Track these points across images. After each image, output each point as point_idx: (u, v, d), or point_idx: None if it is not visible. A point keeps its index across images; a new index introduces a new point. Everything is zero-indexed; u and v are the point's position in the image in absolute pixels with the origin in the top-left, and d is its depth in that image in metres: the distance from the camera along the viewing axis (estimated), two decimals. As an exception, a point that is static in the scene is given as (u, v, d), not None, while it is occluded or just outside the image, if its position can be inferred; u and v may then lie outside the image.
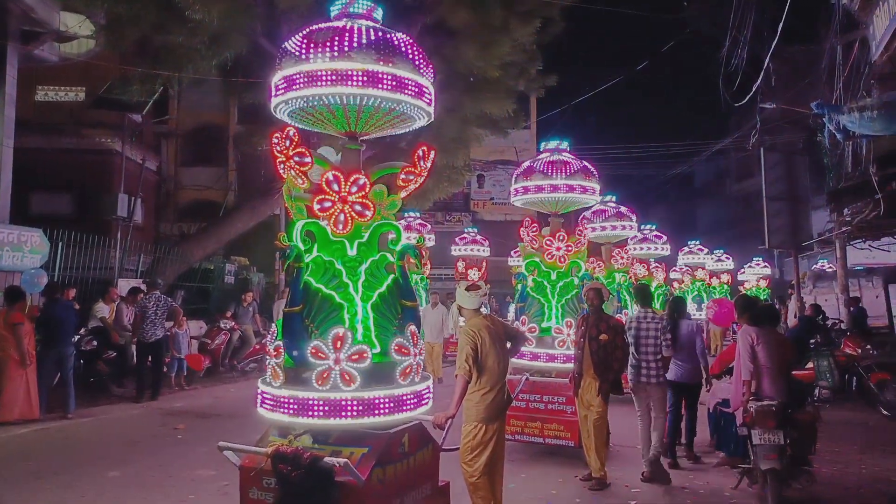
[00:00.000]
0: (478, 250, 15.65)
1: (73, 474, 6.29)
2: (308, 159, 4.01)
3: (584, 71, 23.02)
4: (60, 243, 11.26)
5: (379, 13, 4.24)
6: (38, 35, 14.27)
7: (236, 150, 26.36)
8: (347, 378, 3.79)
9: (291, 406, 3.79)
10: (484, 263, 15.42)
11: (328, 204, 3.97)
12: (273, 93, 4.05)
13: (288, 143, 4.01)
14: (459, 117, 16.83)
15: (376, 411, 3.84)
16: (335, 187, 3.96)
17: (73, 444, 7.56)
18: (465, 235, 15.97)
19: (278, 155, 4.06)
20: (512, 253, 18.22)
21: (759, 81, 11.60)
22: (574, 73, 22.21)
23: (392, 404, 3.90)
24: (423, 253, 4.58)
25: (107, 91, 16.46)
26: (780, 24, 10.56)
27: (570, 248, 7.46)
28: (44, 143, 18.36)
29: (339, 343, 3.79)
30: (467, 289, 4.84)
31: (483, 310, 5.06)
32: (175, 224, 26.36)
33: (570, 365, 6.68)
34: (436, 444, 4.34)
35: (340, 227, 3.99)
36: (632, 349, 6.44)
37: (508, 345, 4.98)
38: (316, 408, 3.76)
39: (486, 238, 15.98)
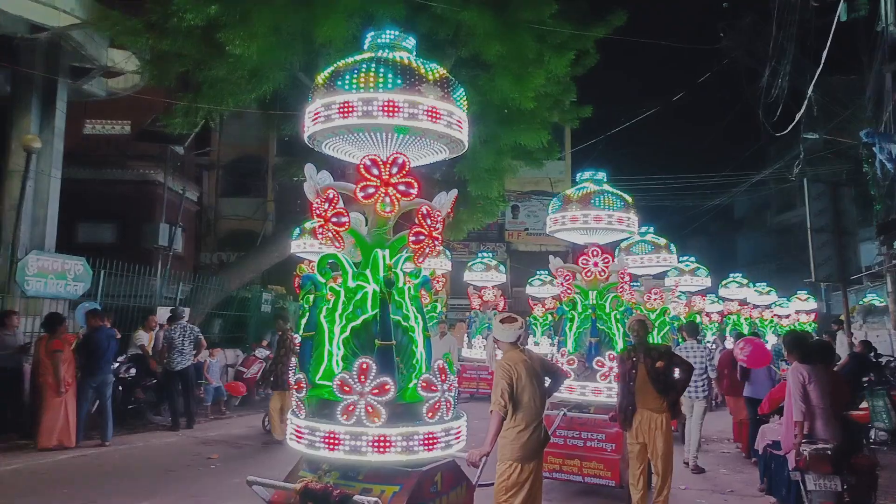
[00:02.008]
0: (493, 276, 15.51)
1: (107, 503, 6.26)
2: (345, 219, 3.96)
3: (620, 102, 22.95)
4: (102, 272, 11.45)
5: (411, 43, 4.22)
6: (86, 71, 14.85)
7: (275, 181, 26.84)
8: (372, 411, 3.68)
9: (315, 439, 3.72)
10: (498, 291, 15.36)
11: (371, 190, 3.89)
12: (306, 123, 4.05)
13: (327, 205, 3.97)
14: (494, 148, 16.82)
15: (405, 448, 3.72)
16: (375, 171, 3.89)
17: (109, 471, 7.56)
18: (479, 263, 15.98)
19: (317, 218, 4.02)
20: (531, 281, 18.10)
21: (802, 110, 11.34)
22: (610, 103, 22.13)
23: (423, 442, 3.78)
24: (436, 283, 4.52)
25: (150, 124, 16.97)
26: (824, 53, 10.37)
27: (606, 262, 7.30)
28: (90, 175, 18.98)
29: (363, 376, 3.70)
30: (502, 321, 4.71)
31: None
32: (215, 253, 26.81)
33: (598, 398, 6.84)
34: (470, 483, 4.19)
35: (388, 209, 3.93)
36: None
37: (547, 381, 4.82)
38: (341, 442, 3.66)
39: (493, 265, 16.02)
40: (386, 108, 3.75)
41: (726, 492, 7.28)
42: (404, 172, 3.93)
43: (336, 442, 3.67)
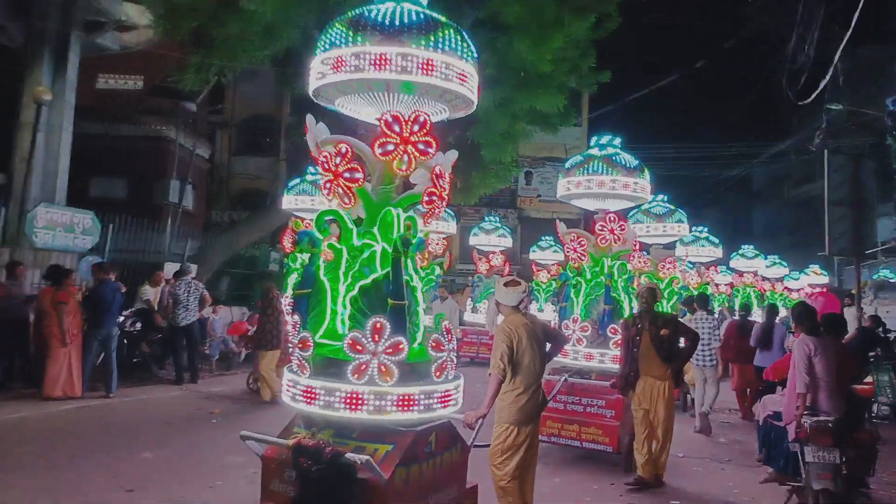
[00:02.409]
0: (498, 241, 15.26)
1: (107, 454, 6.37)
2: (359, 175, 3.88)
3: (640, 68, 22.48)
4: (111, 226, 11.51)
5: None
6: (100, 24, 14.68)
7: (288, 140, 26.67)
8: (385, 371, 3.66)
9: (321, 397, 3.68)
10: (504, 256, 15.07)
11: (391, 147, 3.79)
12: (312, 76, 3.94)
13: (339, 159, 3.87)
14: (509, 112, 16.57)
15: (412, 408, 3.71)
16: (396, 129, 3.79)
17: (112, 423, 7.69)
18: (485, 226, 15.65)
19: (325, 173, 3.93)
20: (533, 248, 17.98)
21: (826, 78, 11.02)
22: (629, 70, 21.69)
23: (428, 401, 3.78)
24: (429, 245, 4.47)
25: (163, 80, 16.84)
26: (854, 20, 10.02)
27: (622, 228, 7.26)
28: (103, 130, 18.96)
29: (377, 336, 3.67)
30: (506, 284, 4.66)
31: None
32: (226, 212, 26.83)
33: (601, 365, 6.88)
34: (465, 445, 4.19)
35: (405, 166, 3.85)
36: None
37: (548, 346, 4.79)
38: (349, 401, 3.63)
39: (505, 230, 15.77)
40: (377, 62, 3.63)
41: (724, 461, 7.29)
42: (425, 131, 3.85)
43: (359, 402, 3.62)
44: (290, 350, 3.89)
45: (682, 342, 6.41)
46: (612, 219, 7.31)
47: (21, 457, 6.12)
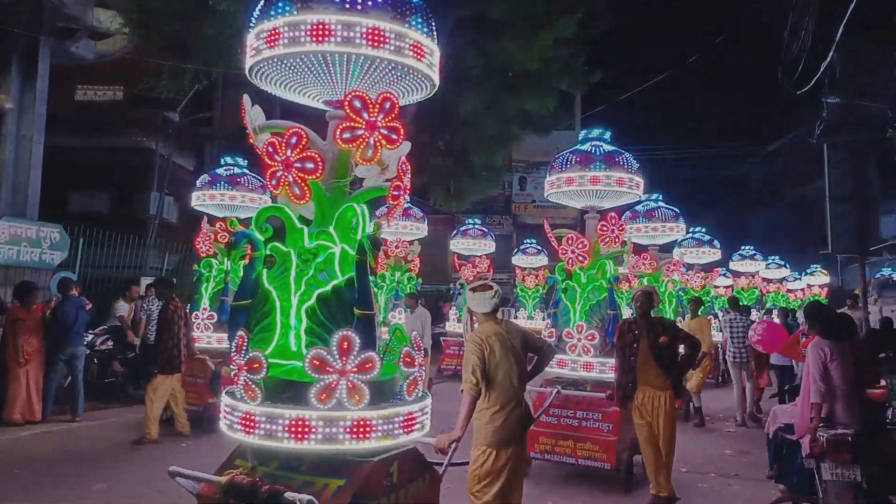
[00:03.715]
0: (482, 245, 14.21)
1: (59, 486, 5.83)
2: (314, 166, 3.36)
3: (632, 68, 22.09)
4: (82, 240, 10.99)
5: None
6: (72, 32, 14.22)
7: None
8: (354, 392, 3.14)
9: (276, 427, 3.15)
10: (487, 260, 14.01)
11: (359, 132, 3.30)
12: (248, 52, 3.45)
13: (291, 148, 3.37)
14: (498, 115, 16.15)
15: (386, 433, 3.23)
16: (364, 114, 3.30)
17: (72, 450, 7.12)
18: (465, 229, 14.49)
19: (273, 163, 3.42)
20: (517, 252, 17.33)
21: (822, 68, 10.57)
22: (621, 70, 21.27)
23: (403, 425, 3.30)
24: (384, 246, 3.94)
25: (143, 90, 16.35)
26: (850, 7, 9.60)
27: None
28: (83, 143, 18.45)
29: (345, 352, 3.15)
30: (474, 289, 4.14)
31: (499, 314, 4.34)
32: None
33: (598, 375, 6.43)
34: (434, 474, 3.65)
35: (370, 154, 3.37)
36: (729, 340, 9.83)
37: (533, 359, 4.27)
38: (298, 430, 3.11)
39: (488, 233, 14.63)
40: (315, 32, 3.14)
41: (730, 475, 6.77)
42: (392, 116, 3.35)
43: (307, 430, 3.11)
44: (233, 373, 3.36)
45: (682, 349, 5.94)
46: (614, 219, 6.83)
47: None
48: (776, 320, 12.93)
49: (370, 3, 3.20)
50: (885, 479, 4.67)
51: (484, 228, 14.67)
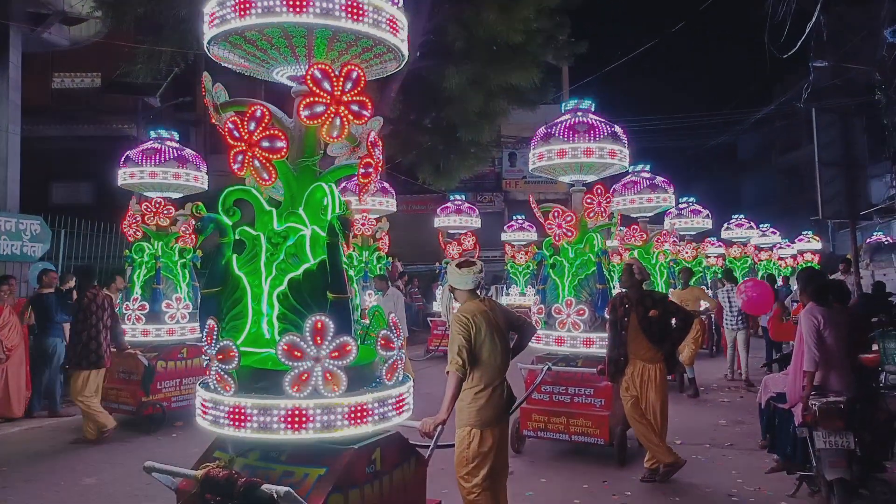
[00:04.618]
0: (467, 221, 13.72)
1: (45, 481, 5.73)
2: (281, 144, 3.22)
3: (618, 37, 21.85)
4: (63, 231, 10.78)
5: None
6: (43, 17, 13.84)
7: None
8: (331, 379, 3.05)
9: (252, 418, 3.05)
10: (473, 237, 13.58)
11: (320, 108, 3.15)
12: (210, 21, 3.27)
13: (254, 125, 3.21)
14: (483, 90, 15.92)
15: (365, 419, 3.13)
16: (326, 86, 3.13)
17: (58, 445, 6.99)
18: (448, 205, 13.99)
19: (235, 143, 3.27)
20: (505, 228, 17.18)
21: (808, 30, 10.40)
22: (607, 40, 21.02)
23: (382, 410, 3.21)
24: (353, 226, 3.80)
25: (120, 75, 16.01)
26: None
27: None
28: (62, 132, 18.12)
29: (319, 337, 3.04)
30: (458, 265, 4.02)
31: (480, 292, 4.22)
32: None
33: (588, 350, 6.37)
34: (420, 458, 3.56)
35: (336, 132, 3.23)
36: (727, 309, 10.43)
37: (514, 337, 4.17)
38: (288, 420, 3.02)
39: (473, 208, 14.12)
40: (293, 1, 2.98)
41: (724, 446, 6.74)
42: (359, 89, 3.19)
43: (303, 419, 3.02)
44: (206, 363, 3.24)
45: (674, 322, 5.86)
46: (600, 191, 6.70)
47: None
48: None
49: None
50: (878, 446, 4.63)
51: (468, 203, 14.18)
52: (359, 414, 3.11)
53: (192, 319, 7.88)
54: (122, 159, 8.10)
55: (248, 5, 3.06)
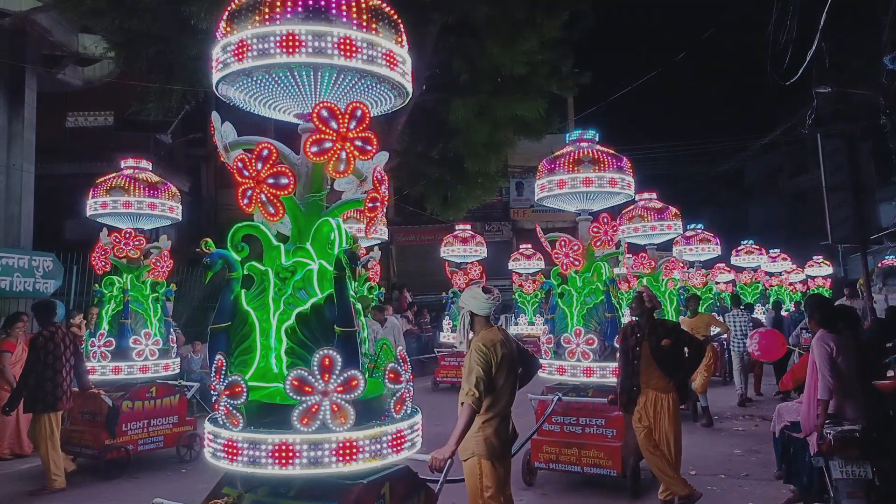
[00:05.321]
0: (474, 251, 13.77)
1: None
2: (287, 181, 3.29)
3: (622, 68, 22.07)
4: (76, 268, 10.89)
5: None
6: (58, 59, 14.20)
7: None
8: (339, 412, 3.05)
9: (251, 452, 3.05)
10: (479, 267, 13.66)
11: (328, 145, 3.21)
12: (215, 66, 3.37)
13: (261, 164, 3.29)
14: (489, 121, 16.08)
15: (374, 453, 3.12)
16: (332, 123, 3.20)
17: (68, 482, 6.95)
18: (452, 235, 14.08)
19: (244, 181, 3.34)
20: (512, 258, 17.16)
21: (811, 52, 10.49)
22: (612, 71, 21.25)
23: (394, 443, 3.20)
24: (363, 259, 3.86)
25: (132, 113, 16.32)
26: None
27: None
28: (75, 170, 18.34)
29: (327, 373, 3.05)
30: (484, 290, 3.99)
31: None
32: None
33: (599, 380, 6.29)
34: (430, 492, 3.53)
35: (342, 168, 3.28)
36: (733, 331, 10.91)
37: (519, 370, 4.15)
38: (300, 454, 3.01)
39: (476, 237, 14.17)
40: (285, 43, 3.05)
41: (740, 476, 6.63)
42: (363, 126, 3.26)
43: (291, 455, 3.01)
44: (214, 398, 3.26)
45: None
46: (606, 220, 6.72)
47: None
48: (771, 312, 13.29)
49: (334, 11, 3.12)
50: (895, 475, 4.54)
51: (473, 232, 14.18)
52: (368, 447, 3.10)
53: (163, 356, 7.44)
54: (91, 189, 7.80)
55: (244, 49, 3.15)
